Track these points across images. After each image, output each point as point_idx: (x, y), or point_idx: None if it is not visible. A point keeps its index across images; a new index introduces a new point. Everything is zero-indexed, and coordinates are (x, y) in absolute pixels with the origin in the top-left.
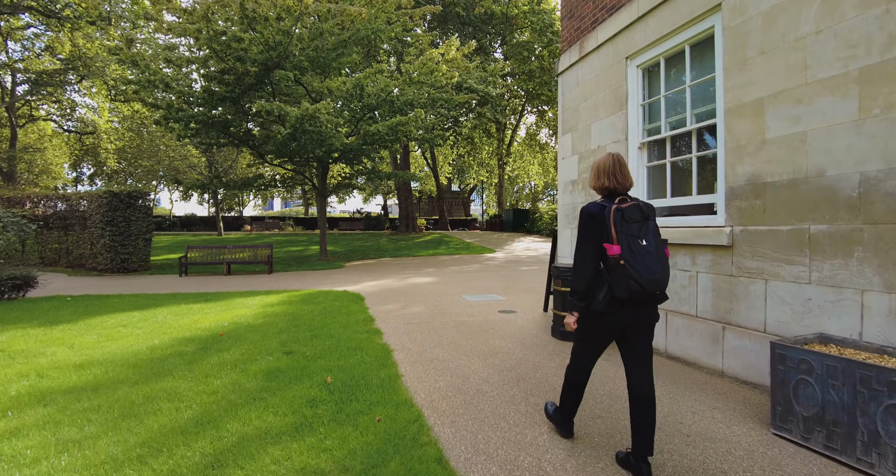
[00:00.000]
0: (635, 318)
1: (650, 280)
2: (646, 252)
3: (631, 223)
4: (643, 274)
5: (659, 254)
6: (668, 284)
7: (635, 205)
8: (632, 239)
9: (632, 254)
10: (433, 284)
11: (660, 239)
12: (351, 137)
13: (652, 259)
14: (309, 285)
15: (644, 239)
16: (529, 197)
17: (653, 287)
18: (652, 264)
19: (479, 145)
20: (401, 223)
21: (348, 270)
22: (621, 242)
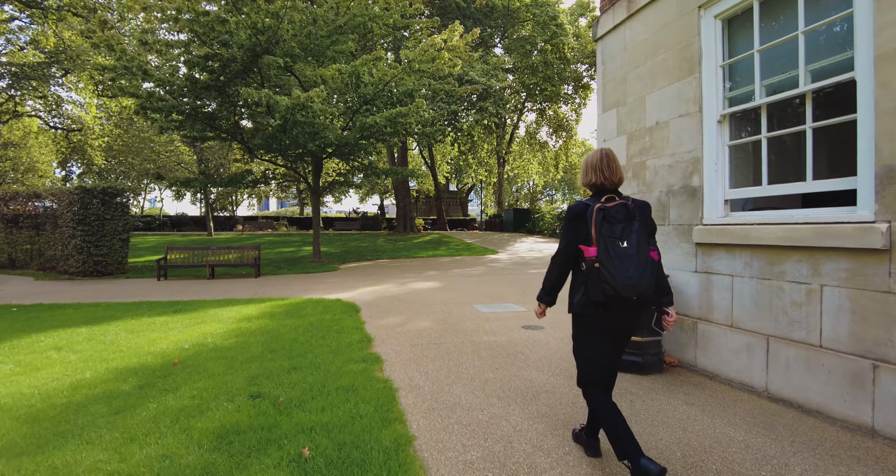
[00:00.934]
0: (624, 321)
1: (625, 285)
2: (624, 255)
3: (614, 224)
4: (618, 278)
5: (640, 257)
6: (651, 290)
7: (621, 204)
8: (611, 241)
9: (608, 257)
10: (438, 291)
11: (645, 241)
12: (346, 131)
13: (630, 263)
14: (298, 292)
15: (626, 241)
16: (528, 197)
17: (628, 292)
18: (629, 269)
19: (479, 143)
20: (398, 223)
21: (343, 274)
22: (599, 244)
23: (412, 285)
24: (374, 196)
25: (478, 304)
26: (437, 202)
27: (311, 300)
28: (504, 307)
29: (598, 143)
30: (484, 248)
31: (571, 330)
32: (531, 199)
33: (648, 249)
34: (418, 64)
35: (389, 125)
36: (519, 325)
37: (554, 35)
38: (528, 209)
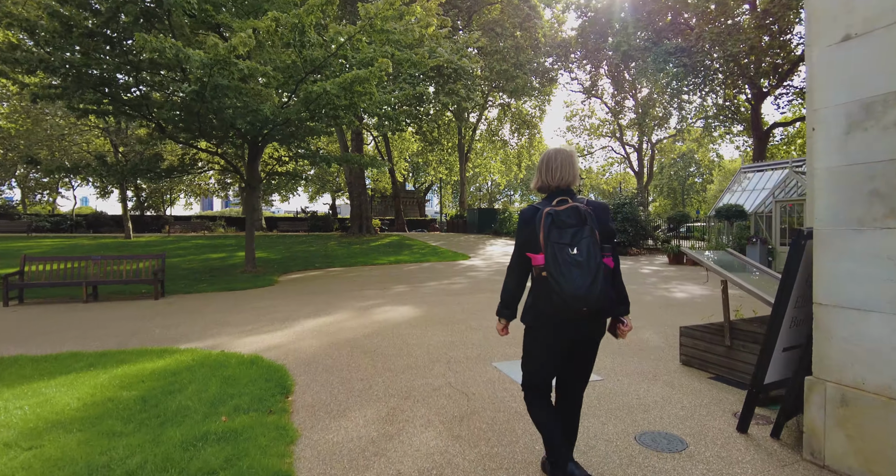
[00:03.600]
0: (577, 332)
1: (574, 296)
2: (573, 263)
3: (564, 229)
4: (565, 288)
5: (591, 265)
6: (604, 300)
7: (573, 207)
8: (560, 247)
9: (556, 264)
10: (420, 324)
11: (597, 247)
12: (288, 105)
13: (579, 272)
14: (199, 332)
15: (576, 247)
16: (487, 197)
17: (577, 304)
18: (578, 278)
19: (443, 135)
20: (352, 223)
21: (280, 291)
22: (546, 251)
23: (379, 313)
24: (326, 195)
25: (500, 362)
26: (396, 201)
27: (207, 358)
28: None
29: (810, 64)
30: (453, 252)
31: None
32: (489, 200)
33: (601, 256)
34: (381, 22)
35: (344, 95)
36: (634, 429)
37: (527, 17)
38: (494, 209)
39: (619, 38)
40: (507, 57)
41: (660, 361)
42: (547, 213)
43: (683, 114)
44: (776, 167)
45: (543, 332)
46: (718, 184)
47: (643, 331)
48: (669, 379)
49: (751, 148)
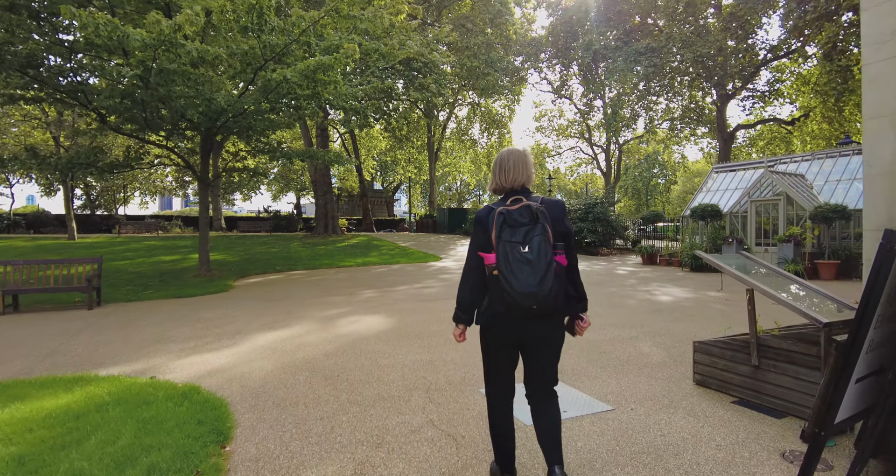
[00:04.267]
0: (533, 331)
1: (523, 294)
2: (524, 261)
3: (516, 227)
4: (515, 287)
5: (542, 264)
6: (556, 298)
7: (525, 206)
8: (511, 246)
9: (506, 263)
10: (391, 337)
11: (548, 245)
12: (246, 93)
13: (529, 270)
14: (133, 351)
15: (528, 245)
16: (456, 197)
17: (528, 302)
18: (527, 276)
19: (413, 132)
20: (318, 223)
21: (235, 298)
22: (498, 250)
23: (344, 324)
24: (290, 194)
25: None
26: (364, 200)
27: (130, 390)
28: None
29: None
30: (423, 252)
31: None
32: (459, 199)
33: (553, 254)
34: (348, 6)
35: (306, 83)
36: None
37: (498, 13)
38: (464, 209)
39: (589, 37)
40: (477, 53)
41: (671, 381)
42: (499, 213)
43: (651, 115)
44: (747, 167)
45: (497, 333)
46: (682, 184)
47: (640, 342)
48: (689, 405)
49: (714, 149)
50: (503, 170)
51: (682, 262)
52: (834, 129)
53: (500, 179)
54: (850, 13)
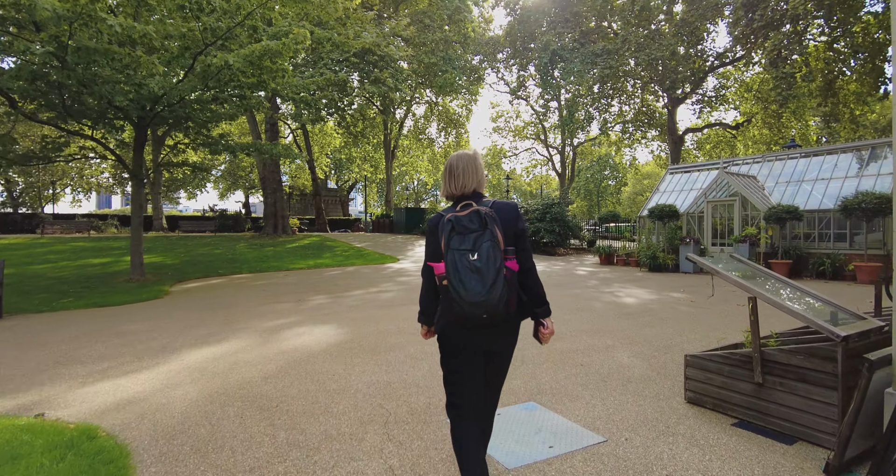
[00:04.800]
0: (487, 342)
1: (471, 303)
2: (472, 269)
3: (465, 234)
4: (463, 295)
5: (490, 271)
6: (507, 306)
7: (475, 211)
8: (461, 254)
9: (455, 271)
10: (343, 353)
11: (497, 251)
12: (184, 80)
13: (477, 278)
14: (20, 381)
15: (476, 253)
16: (413, 196)
17: (477, 311)
18: (476, 285)
19: (369, 128)
20: (266, 223)
21: (168, 307)
22: (447, 258)
23: (290, 337)
24: (238, 192)
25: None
26: (317, 199)
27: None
28: (540, 439)
29: None
30: (380, 253)
31: None
32: (416, 199)
33: (503, 260)
34: None
35: (252, 70)
36: None
37: (457, 10)
38: (422, 209)
39: (547, 37)
40: (435, 50)
41: (660, 399)
42: (447, 220)
43: (605, 117)
44: (701, 168)
45: (454, 343)
46: (632, 186)
47: (616, 352)
48: (687, 431)
49: (664, 152)
50: (453, 176)
51: (639, 262)
52: (773, 135)
53: (451, 186)
54: (789, 25)
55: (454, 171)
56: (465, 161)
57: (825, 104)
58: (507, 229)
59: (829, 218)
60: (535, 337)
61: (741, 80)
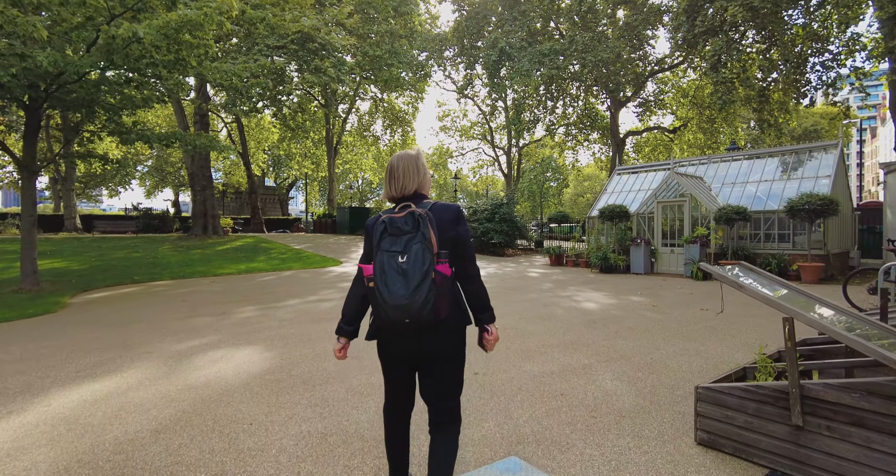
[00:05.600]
0: (418, 347)
1: (393, 306)
2: (399, 272)
3: (398, 236)
4: (387, 298)
5: (416, 274)
6: (434, 312)
7: (410, 213)
8: (390, 256)
9: (382, 273)
10: (266, 389)
11: (427, 254)
12: (88, 53)
13: (402, 281)
14: None
15: (406, 255)
16: (357, 195)
17: (399, 315)
18: (399, 287)
19: (307, 121)
20: (195, 223)
21: (60, 323)
22: (376, 260)
23: (201, 365)
24: (167, 189)
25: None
26: (252, 197)
27: None
28: None
29: None
30: (321, 256)
31: None
32: (361, 199)
33: (433, 264)
34: None
35: (167, 45)
36: None
37: (403, 2)
38: (367, 208)
39: (495, 35)
40: (381, 43)
41: (665, 441)
42: (381, 221)
43: (552, 118)
44: (648, 169)
45: (387, 348)
46: (574, 188)
47: (596, 373)
48: None
49: (604, 154)
50: (393, 177)
51: (590, 263)
52: (707, 139)
53: (391, 188)
54: (729, 32)
55: (394, 172)
56: (405, 161)
57: (759, 110)
58: (443, 232)
59: (773, 219)
60: (479, 345)
61: (678, 86)
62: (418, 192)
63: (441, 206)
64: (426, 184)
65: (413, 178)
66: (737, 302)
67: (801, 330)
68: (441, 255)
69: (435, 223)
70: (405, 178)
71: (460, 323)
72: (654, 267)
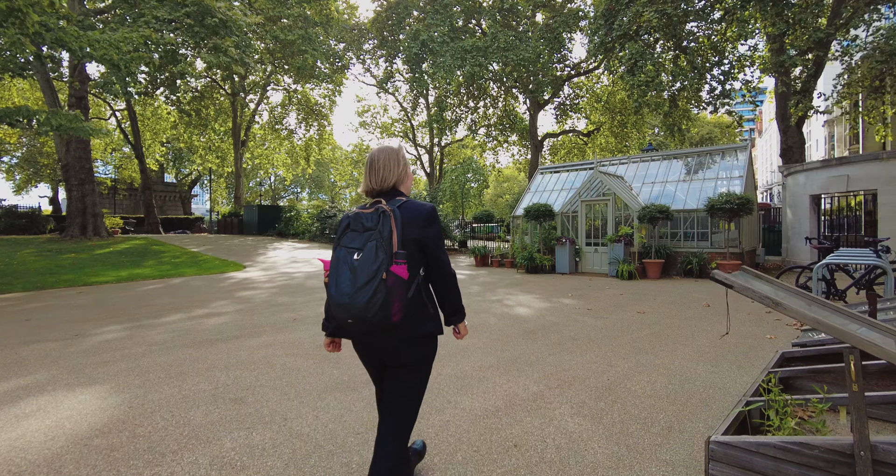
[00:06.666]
0: (378, 348)
1: (336, 304)
2: (350, 268)
3: (360, 232)
4: (333, 295)
5: (365, 273)
6: (380, 313)
7: (376, 211)
8: (348, 251)
9: (335, 269)
10: (92, 469)
11: (382, 253)
12: None
13: (349, 278)
14: None
15: (361, 252)
16: (270, 193)
17: (341, 314)
18: (345, 286)
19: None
20: (71, 222)
21: None
22: (333, 255)
23: (4, 422)
24: (42, 184)
25: None
26: (146, 194)
27: None
28: None
29: None
30: (221, 259)
31: None
32: (273, 197)
33: (388, 264)
34: None
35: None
36: None
37: None
38: (279, 206)
39: (417, 27)
40: (293, 27)
41: None
42: (346, 216)
43: (473, 118)
44: (570, 168)
45: (354, 344)
46: (493, 188)
47: (551, 406)
48: None
49: (522, 156)
50: (373, 169)
51: (515, 263)
52: (618, 143)
53: (370, 180)
54: (646, 35)
55: (374, 164)
56: (387, 153)
57: (669, 114)
58: (408, 232)
59: (693, 217)
60: None
61: (593, 91)
62: (396, 188)
63: (413, 205)
64: (406, 179)
65: (393, 170)
66: (666, 301)
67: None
68: (398, 255)
69: (399, 221)
70: (385, 170)
71: (419, 330)
72: (578, 266)
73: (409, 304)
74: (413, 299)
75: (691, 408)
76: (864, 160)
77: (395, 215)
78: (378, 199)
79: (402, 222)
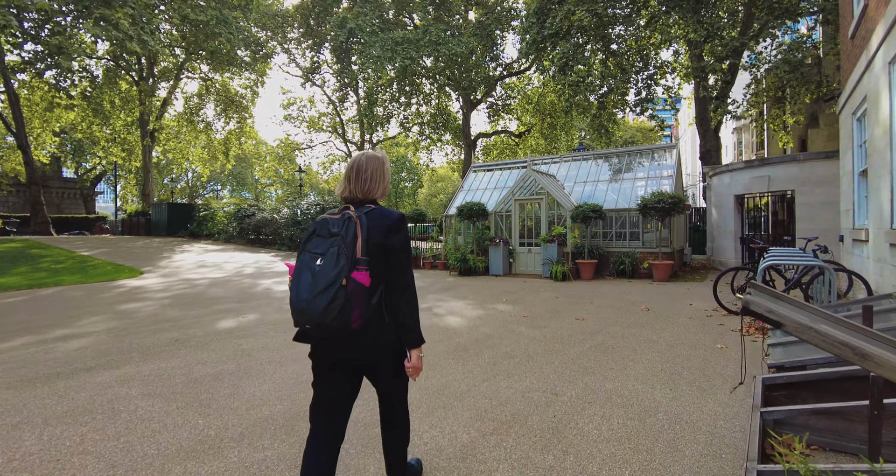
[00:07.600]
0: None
1: (295, 309)
2: (310, 274)
3: (325, 238)
4: (293, 301)
5: (323, 278)
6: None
7: (342, 216)
8: (311, 256)
9: (297, 274)
10: None
11: (343, 259)
12: None
13: (310, 283)
14: None
15: (324, 257)
16: (187, 190)
17: (299, 318)
18: (303, 290)
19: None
20: None
21: None
22: (297, 259)
23: None
24: None
25: None
26: (33, 190)
27: None
28: None
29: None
30: (115, 264)
31: None
32: (190, 195)
33: (349, 270)
34: None
35: None
36: None
37: None
38: (191, 205)
39: (344, 15)
40: (206, 8)
41: None
42: (314, 221)
43: (406, 115)
44: (504, 167)
45: (311, 351)
46: (427, 188)
47: (491, 467)
48: None
49: (456, 156)
50: (359, 178)
51: (448, 265)
52: (548, 145)
53: (354, 187)
54: (578, 35)
55: (361, 173)
56: (375, 164)
57: (598, 116)
58: (372, 238)
59: (624, 217)
60: None
61: (524, 93)
62: (375, 199)
63: (381, 211)
64: (384, 191)
65: (379, 182)
66: (603, 304)
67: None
68: (360, 261)
69: (365, 227)
70: (372, 181)
71: (382, 338)
72: (512, 268)
73: (372, 311)
74: (376, 307)
75: (659, 456)
76: (784, 162)
77: (361, 221)
78: (347, 205)
79: (368, 228)
